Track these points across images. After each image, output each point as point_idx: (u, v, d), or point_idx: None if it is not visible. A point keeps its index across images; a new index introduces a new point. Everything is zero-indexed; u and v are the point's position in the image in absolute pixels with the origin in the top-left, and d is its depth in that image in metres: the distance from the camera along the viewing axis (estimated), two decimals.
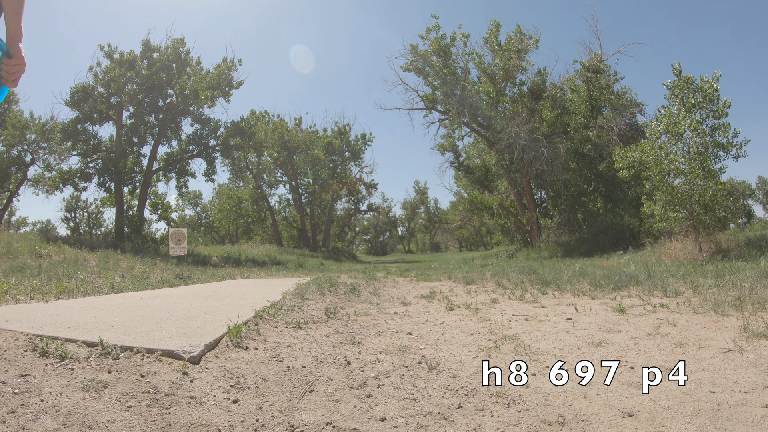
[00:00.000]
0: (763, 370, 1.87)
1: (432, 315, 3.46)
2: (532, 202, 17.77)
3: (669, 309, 3.31)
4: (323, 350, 2.27)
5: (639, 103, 16.51)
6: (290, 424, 1.40)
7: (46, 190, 18.73)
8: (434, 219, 53.30)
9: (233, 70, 17.63)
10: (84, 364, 1.69)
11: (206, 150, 18.33)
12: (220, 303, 3.36)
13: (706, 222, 8.15)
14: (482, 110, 17.03)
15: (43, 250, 8.31)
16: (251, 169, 26.86)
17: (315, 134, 27.55)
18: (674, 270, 5.73)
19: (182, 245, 11.12)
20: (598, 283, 4.84)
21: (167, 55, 16.40)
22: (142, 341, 1.97)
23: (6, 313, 2.45)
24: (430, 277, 7.04)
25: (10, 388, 1.43)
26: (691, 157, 8.20)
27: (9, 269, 5.54)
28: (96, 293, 3.93)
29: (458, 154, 22.61)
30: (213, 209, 38.14)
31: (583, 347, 2.38)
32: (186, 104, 16.90)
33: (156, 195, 19.21)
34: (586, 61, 16.49)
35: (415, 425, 1.43)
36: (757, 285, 3.86)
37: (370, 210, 36.56)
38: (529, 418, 1.48)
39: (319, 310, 3.39)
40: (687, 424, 1.42)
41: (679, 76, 8.44)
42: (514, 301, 4.17)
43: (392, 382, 1.83)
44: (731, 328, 2.58)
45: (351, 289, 4.86)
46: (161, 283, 5.22)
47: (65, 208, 31.77)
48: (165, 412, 1.39)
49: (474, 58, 17.90)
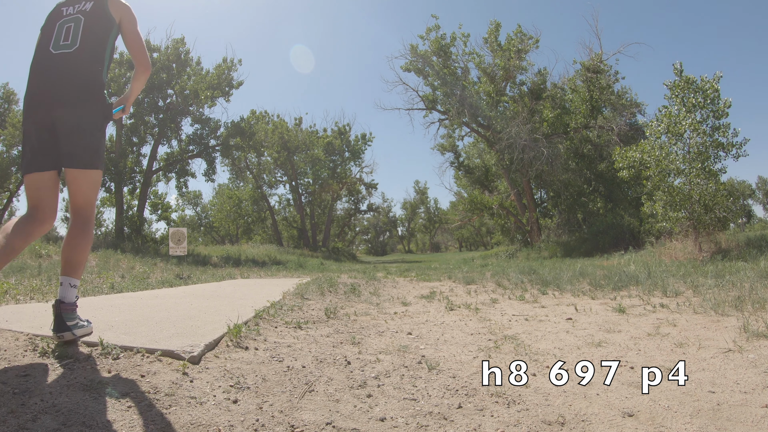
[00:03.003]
0: (763, 370, 1.87)
1: (432, 315, 3.46)
2: (532, 202, 17.77)
3: (669, 309, 3.31)
4: (323, 350, 2.27)
5: (639, 103, 16.51)
6: (290, 424, 1.40)
7: None
8: (434, 219, 53.31)
9: (233, 70, 17.64)
10: (84, 364, 1.69)
11: (206, 150, 18.33)
12: (220, 303, 3.36)
13: (706, 222, 8.15)
14: (482, 110, 17.03)
15: (43, 250, 8.31)
16: (251, 169, 26.85)
17: (315, 134, 27.55)
18: (674, 270, 5.73)
19: (182, 245, 11.12)
20: (598, 283, 4.84)
21: (167, 55, 16.40)
22: (142, 341, 1.97)
23: (6, 313, 2.45)
24: (430, 277, 7.05)
25: (10, 388, 1.43)
26: (692, 157, 8.21)
27: (9, 269, 5.54)
28: (96, 293, 3.93)
29: (458, 154, 22.62)
30: (213, 209, 38.14)
31: (583, 347, 2.38)
32: (186, 104, 16.90)
33: (156, 195, 19.22)
34: (586, 61, 16.50)
35: (415, 425, 1.43)
36: (757, 285, 3.86)
37: (370, 210, 36.58)
38: (529, 418, 1.48)
39: (319, 310, 3.39)
40: (687, 424, 1.42)
41: (680, 76, 8.45)
42: (514, 301, 4.17)
43: (392, 382, 1.83)
44: (731, 328, 2.58)
45: (351, 289, 4.86)
46: (161, 283, 5.22)
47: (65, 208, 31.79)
48: (165, 412, 1.39)
49: (474, 58, 17.91)
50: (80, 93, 1.89)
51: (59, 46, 1.92)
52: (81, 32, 1.94)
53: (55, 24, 1.98)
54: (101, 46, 1.98)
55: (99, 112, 1.94)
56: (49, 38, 1.95)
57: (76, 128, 1.87)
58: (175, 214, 24.52)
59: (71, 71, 1.89)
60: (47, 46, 1.94)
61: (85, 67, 1.92)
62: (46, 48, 1.94)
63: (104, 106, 1.97)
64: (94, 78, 1.94)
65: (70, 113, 1.86)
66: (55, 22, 1.98)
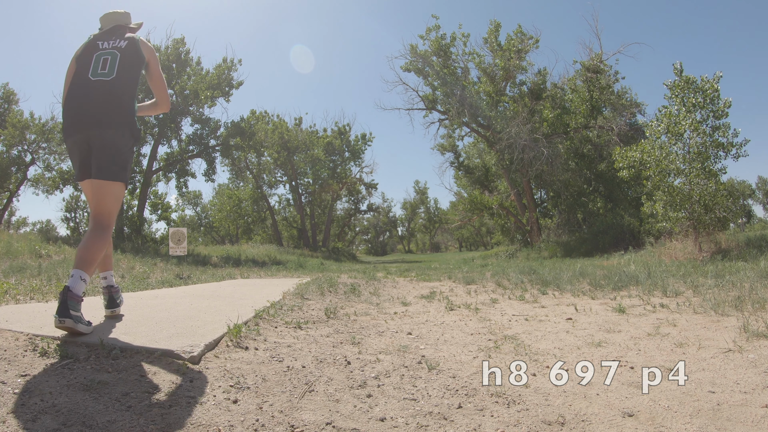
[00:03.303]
0: (763, 370, 1.87)
1: (432, 315, 3.46)
2: (532, 202, 17.77)
3: (669, 309, 3.31)
4: (323, 350, 2.27)
5: (639, 103, 16.52)
6: (290, 424, 1.40)
7: (46, 190, 18.73)
8: (434, 219, 53.30)
9: (233, 70, 17.64)
10: (84, 364, 1.69)
11: (206, 150, 18.33)
12: (220, 303, 3.36)
13: (706, 222, 8.15)
14: (482, 110, 17.03)
15: (43, 250, 8.31)
16: (251, 169, 26.85)
17: (315, 134, 27.54)
18: (674, 270, 5.73)
19: (182, 245, 11.12)
20: (598, 283, 4.84)
21: (167, 55, 16.40)
22: (142, 341, 1.97)
23: (6, 313, 2.45)
24: (430, 277, 7.04)
25: (10, 388, 1.43)
26: (692, 157, 8.21)
27: (9, 269, 5.54)
28: (96, 293, 3.93)
29: (458, 154, 22.62)
30: (213, 209, 38.15)
31: (583, 347, 2.38)
32: (186, 104, 16.90)
33: (156, 195, 19.22)
34: (586, 61, 16.50)
35: (415, 425, 1.43)
36: (757, 285, 3.86)
37: (370, 210, 36.58)
38: (529, 418, 1.48)
39: (319, 310, 3.39)
40: (687, 424, 1.42)
41: (680, 76, 8.44)
42: (514, 301, 4.17)
43: (392, 382, 1.83)
44: (731, 328, 2.58)
45: (351, 289, 4.86)
46: (161, 283, 5.22)
47: (65, 208, 31.83)
48: (165, 412, 1.39)
49: (474, 58, 17.91)
50: (115, 115, 2.19)
51: (97, 74, 2.23)
52: (117, 65, 2.26)
53: (92, 55, 2.29)
54: (134, 78, 2.31)
55: (129, 134, 2.24)
56: (87, 67, 2.25)
57: (108, 145, 2.17)
58: (175, 214, 24.51)
59: (108, 96, 2.20)
60: (86, 74, 2.24)
61: (119, 94, 2.22)
62: (85, 75, 2.24)
63: (134, 129, 2.26)
64: (128, 104, 2.25)
65: (105, 132, 2.16)
66: (92, 54, 2.29)
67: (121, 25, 2.45)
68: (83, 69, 2.25)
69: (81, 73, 2.24)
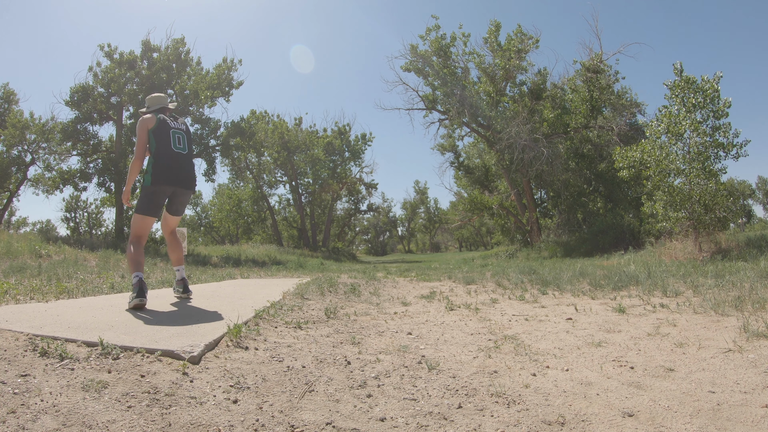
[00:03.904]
0: (763, 370, 1.87)
1: (432, 315, 3.46)
2: (532, 202, 17.76)
3: (669, 309, 3.31)
4: (323, 350, 2.26)
5: (639, 103, 16.50)
6: (290, 424, 1.40)
7: (46, 190, 18.70)
8: (434, 219, 53.29)
9: (233, 70, 17.62)
10: (84, 364, 1.69)
11: (206, 150, 18.32)
12: (220, 303, 3.36)
13: (706, 222, 8.15)
14: (482, 110, 17.02)
15: (43, 250, 8.31)
16: (251, 169, 26.85)
17: (315, 134, 27.53)
18: (674, 270, 5.73)
19: (182, 245, 11.11)
20: (598, 283, 4.84)
21: (167, 55, 16.39)
22: (142, 341, 1.97)
23: (6, 313, 2.45)
24: (430, 277, 7.04)
25: (10, 388, 1.43)
26: (692, 157, 8.20)
27: (9, 269, 5.54)
28: (96, 293, 3.93)
29: (458, 154, 22.60)
30: (213, 209, 38.13)
31: (583, 347, 2.38)
32: (186, 104, 16.89)
33: None
34: (586, 61, 16.49)
35: (415, 425, 1.43)
36: (757, 285, 3.86)
37: (370, 210, 36.56)
38: (529, 418, 1.48)
39: (319, 310, 3.39)
40: (687, 424, 1.42)
41: (680, 76, 8.43)
42: (514, 301, 4.17)
43: (392, 382, 1.83)
44: (731, 328, 2.58)
45: (351, 289, 4.86)
46: (161, 283, 5.21)
47: (65, 208, 31.80)
48: (165, 412, 1.39)
49: (474, 58, 17.89)
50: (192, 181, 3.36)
51: (177, 147, 3.21)
52: (186, 142, 3.30)
53: (168, 131, 3.18)
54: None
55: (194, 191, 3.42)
56: (169, 140, 3.16)
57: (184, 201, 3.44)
58: None
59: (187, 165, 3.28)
60: (169, 145, 3.16)
61: (192, 165, 3.37)
62: (169, 146, 3.16)
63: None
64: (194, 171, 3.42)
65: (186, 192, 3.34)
66: (168, 130, 3.18)
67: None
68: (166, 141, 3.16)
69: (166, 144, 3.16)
